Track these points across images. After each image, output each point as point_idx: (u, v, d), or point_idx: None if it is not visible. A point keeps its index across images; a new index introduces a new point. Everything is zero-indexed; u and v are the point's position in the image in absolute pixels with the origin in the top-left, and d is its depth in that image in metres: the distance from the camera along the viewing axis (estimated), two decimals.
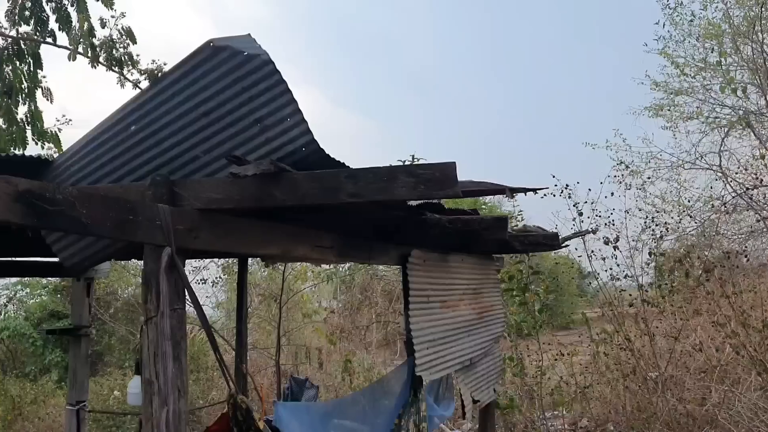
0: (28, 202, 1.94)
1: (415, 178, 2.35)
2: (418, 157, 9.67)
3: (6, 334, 15.08)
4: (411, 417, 4.12)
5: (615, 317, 7.86)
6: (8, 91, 8.19)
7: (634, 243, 9.03)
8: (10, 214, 1.90)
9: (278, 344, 8.62)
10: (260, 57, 2.69)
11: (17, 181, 1.93)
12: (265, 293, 12.46)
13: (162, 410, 2.38)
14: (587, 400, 8.44)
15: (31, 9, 7.29)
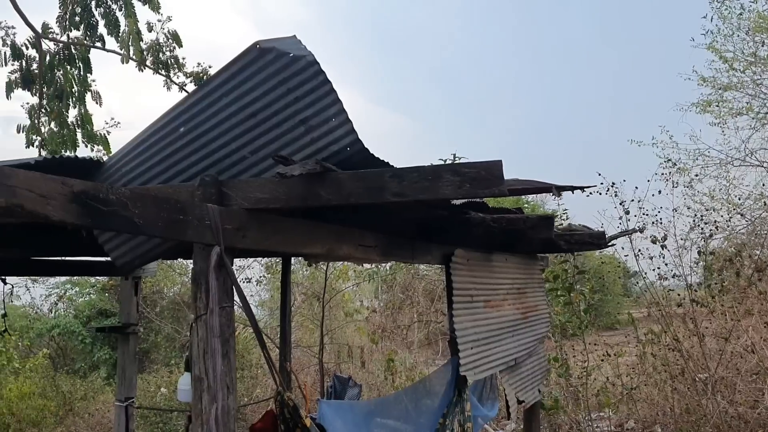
0: (83, 202, 1.99)
1: (460, 176, 2.35)
2: (459, 156, 9.62)
3: (57, 331, 15.51)
4: (456, 417, 4.12)
5: (663, 317, 7.71)
6: (59, 95, 8.43)
7: (683, 242, 8.84)
8: (66, 215, 1.95)
9: (321, 343, 8.68)
10: (305, 58, 2.71)
11: (73, 182, 1.99)
12: (308, 292, 12.55)
13: (211, 407, 2.43)
14: (634, 402, 8.30)
15: (81, 14, 7.50)
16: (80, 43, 8.19)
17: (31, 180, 1.87)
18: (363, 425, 4.19)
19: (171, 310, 15.59)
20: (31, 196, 1.86)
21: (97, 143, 9.00)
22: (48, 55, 8.26)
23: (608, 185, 8.00)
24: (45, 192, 1.89)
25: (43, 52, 8.18)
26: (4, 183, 1.79)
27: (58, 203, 1.93)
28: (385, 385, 10.07)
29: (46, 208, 1.89)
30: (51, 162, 2.87)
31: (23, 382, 10.26)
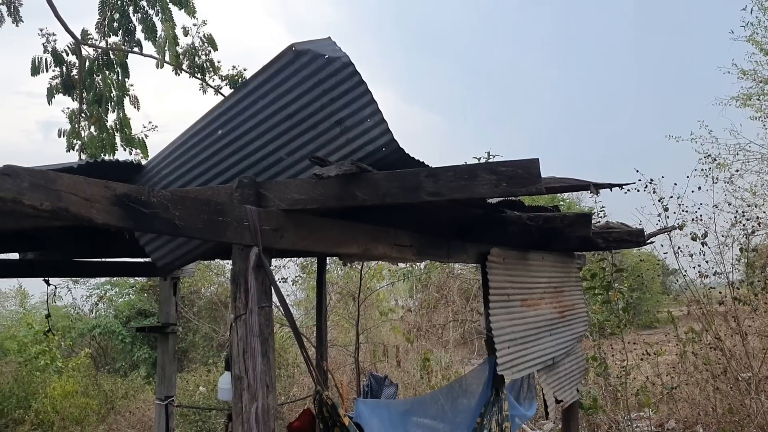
0: (125, 205, 2.03)
1: (496, 175, 2.34)
2: (493, 154, 9.57)
3: (98, 331, 15.84)
4: (493, 416, 4.10)
5: (704, 316, 7.57)
6: (99, 100, 8.60)
7: (724, 239, 8.66)
8: (109, 217, 1.99)
9: (357, 342, 8.71)
10: (340, 59, 2.73)
11: (115, 185, 2.03)
12: (343, 291, 12.61)
13: (252, 405, 2.46)
14: (674, 402, 8.17)
15: (120, 20, 7.64)
16: (118, 48, 8.35)
17: (75, 183, 1.91)
18: (399, 424, 4.20)
19: (208, 309, 15.80)
20: (76, 199, 1.90)
21: (135, 147, 9.16)
22: (87, 61, 8.43)
23: (646, 182, 7.88)
24: (89, 195, 1.94)
25: (83, 57, 8.35)
26: (49, 187, 1.84)
27: (101, 206, 1.97)
28: (421, 384, 10.07)
29: (90, 211, 1.94)
30: (93, 166, 2.93)
31: (66, 381, 10.50)
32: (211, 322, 15.34)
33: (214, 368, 11.95)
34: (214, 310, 15.68)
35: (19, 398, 9.90)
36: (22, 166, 1.82)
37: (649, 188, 7.86)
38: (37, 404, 9.72)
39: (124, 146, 9.16)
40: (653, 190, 7.87)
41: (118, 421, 10.59)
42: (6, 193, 1.73)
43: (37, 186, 1.80)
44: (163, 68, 7.76)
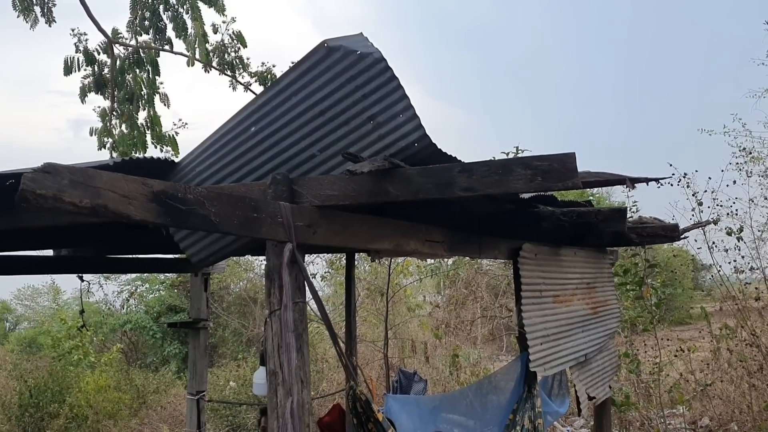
0: (162, 202, 2.05)
1: (531, 170, 2.32)
2: (522, 149, 9.49)
3: (129, 327, 16.06)
4: (526, 412, 4.07)
5: (739, 311, 7.44)
6: (130, 98, 8.69)
7: (760, 233, 8.50)
8: (146, 214, 2.01)
9: (386, 337, 8.71)
10: (372, 55, 2.73)
11: (152, 182, 2.05)
12: (371, 287, 12.62)
13: (287, 400, 2.47)
14: (708, 399, 8.05)
15: (151, 19, 7.71)
16: (149, 46, 8.44)
17: (114, 181, 1.93)
18: (429, 420, 4.19)
19: (237, 305, 15.94)
20: (114, 196, 1.92)
21: (166, 144, 9.24)
22: (118, 60, 8.53)
23: (680, 176, 7.77)
24: (127, 192, 1.96)
25: (114, 56, 8.46)
26: (89, 184, 1.86)
27: (139, 203, 1.99)
28: (450, 380, 10.05)
29: (128, 208, 1.96)
30: (128, 163, 2.96)
31: (99, 376, 10.67)
32: (240, 317, 15.46)
33: (244, 363, 12.06)
34: (244, 306, 15.81)
35: (54, 392, 10.07)
36: (62, 163, 1.85)
37: (683, 182, 7.75)
38: (71, 398, 9.88)
39: (155, 144, 9.25)
40: (687, 184, 7.76)
41: (149, 415, 10.72)
42: (46, 191, 1.75)
43: (76, 183, 1.82)
44: (193, 66, 7.82)
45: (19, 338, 21.96)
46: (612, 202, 17.67)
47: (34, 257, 5.40)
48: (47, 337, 14.75)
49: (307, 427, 2.50)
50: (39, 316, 27.23)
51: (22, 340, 20.65)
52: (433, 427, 4.13)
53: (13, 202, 2.95)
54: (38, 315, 28.00)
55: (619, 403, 6.93)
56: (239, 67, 8.49)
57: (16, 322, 29.34)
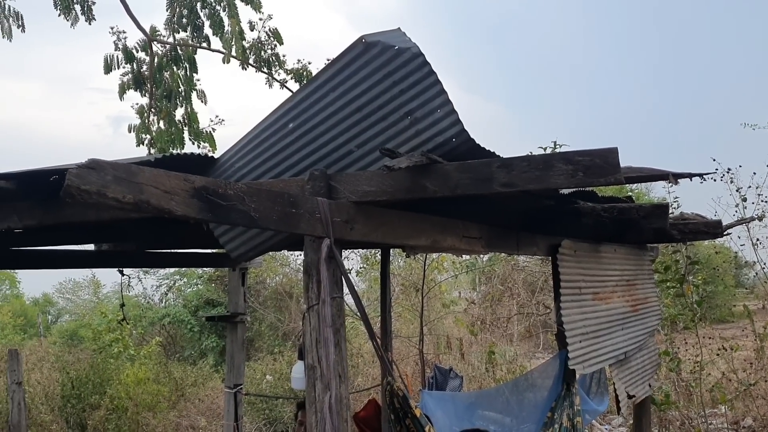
0: (203, 197, 2.07)
1: (573, 165, 2.28)
2: (560, 143, 9.35)
3: (167, 320, 16.32)
4: (564, 410, 4.03)
5: None
6: (168, 95, 8.80)
7: None
8: (188, 209, 2.03)
9: (421, 333, 8.71)
10: (410, 50, 2.71)
11: (194, 178, 2.07)
12: (405, 283, 12.62)
13: (325, 395, 2.47)
14: (752, 399, 7.86)
15: (188, 16, 7.80)
16: (186, 44, 8.54)
17: (156, 176, 1.96)
18: (465, 416, 4.18)
19: (273, 299, 16.08)
20: (157, 192, 1.94)
21: (203, 140, 9.35)
22: (156, 57, 8.65)
23: (723, 171, 7.60)
24: (169, 188, 1.98)
25: (153, 54, 8.58)
26: (132, 180, 1.88)
27: (180, 198, 2.01)
28: (486, 377, 10.00)
29: (170, 204, 1.98)
30: (169, 159, 3.00)
31: (139, 368, 10.84)
32: (276, 311, 15.60)
33: (280, 357, 12.16)
34: (280, 300, 15.95)
35: (95, 384, 10.26)
36: (105, 159, 1.87)
37: (726, 178, 7.57)
38: (111, 390, 10.06)
39: (193, 140, 9.36)
40: (731, 179, 7.59)
41: (188, 408, 10.87)
42: (91, 186, 1.78)
43: (120, 179, 1.85)
44: (229, 63, 7.89)
45: (60, 331, 22.53)
46: (651, 198, 17.38)
47: (76, 251, 5.51)
48: (88, 330, 15.06)
49: (345, 421, 2.51)
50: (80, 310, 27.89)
51: (64, 332, 21.18)
52: (469, 424, 4.12)
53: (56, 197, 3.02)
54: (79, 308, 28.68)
55: (659, 402, 6.82)
56: (275, 64, 8.54)
57: (58, 315, 30.11)
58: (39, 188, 2.99)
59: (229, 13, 7.62)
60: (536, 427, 4.13)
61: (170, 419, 10.25)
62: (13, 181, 2.97)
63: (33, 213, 3.17)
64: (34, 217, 3.19)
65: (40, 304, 29.59)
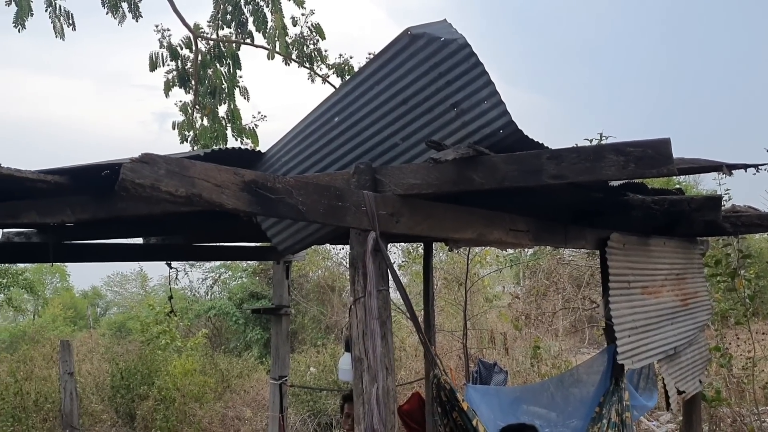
0: (253, 191, 2.09)
1: (624, 156, 2.24)
2: (605, 135, 9.20)
3: (213, 312, 16.59)
4: (613, 406, 3.97)
5: None
6: (212, 92, 8.91)
7: None
8: (238, 203, 2.06)
9: (465, 328, 8.67)
10: (457, 41, 2.69)
11: (243, 172, 2.09)
12: (448, 277, 12.58)
13: (372, 387, 2.48)
14: None
15: (232, 12, 7.88)
16: (229, 40, 8.63)
17: (207, 171, 1.98)
18: (509, 411, 4.15)
19: (316, 293, 16.20)
20: (208, 185, 1.97)
21: (246, 137, 9.45)
22: (200, 54, 8.76)
23: None
24: (220, 182, 2.01)
25: (197, 51, 8.69)
26: (184, 174, 1.91)
27: (231, 192, 2.04)
28: (531, 372, 9.91)
29: (221, 197, 2.01)
30: (218, 153, 3.03)
31: (186, 360, 11.04)
32: (318, 304, 15.72)
33: (324, 350, 12.25)
34: (322, 294, 16.06)
35: (143, 375, 10.49)
36: (159, 154, 1.90)
37: None
38: (159, 381, 10.27)
39: (236, 136, 9.46)
40: None
41: (233, 399, 11.04)
42: (145, 180, 1.81)
43: (172, 173, 1.88)
44: (273, 59, 7.95)
45: (109, 323, 23.08)
46: (699, 190, 16.97)
47: (126, 245, 5.63)
48: (136, 322, 15.39)
49: (392, 413, 2.51)
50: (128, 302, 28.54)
51: (112, 324, 21.70)
52: (514, 419, 4.09)
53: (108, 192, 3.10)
54: (127, 301, 29.35)
55: (709, 399, 6.66)
56: (317, 59, 8.58)
57: (107, 308, 30.84)
58: (91, 183, 3.06)
59: (273, 8, 7.68)
60: (583, 422, 4.08)
61: (216, 410, 10.42)
62: (66, 177, 3.05)
63: (86, 207, 3.25)
64: (86, 211, 3.27)
65: (89, 297, 30.34)
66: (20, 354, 12.51)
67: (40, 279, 25.55)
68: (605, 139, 8.84)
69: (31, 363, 11.50)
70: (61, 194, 3.25)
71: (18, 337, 17.64)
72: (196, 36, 8.44)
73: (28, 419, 8.98)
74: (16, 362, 11.32)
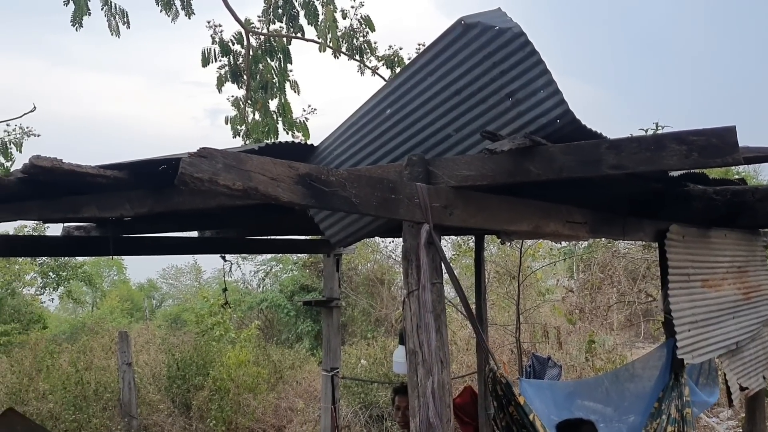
0: (307, 184, 2.10)
1: (687, 145, 2.17)
2: (662, 125, 8.95)
3: (265, 304, 16.83)
4: (672, 401, 3.88)
5: None
6: (264, 86, 8.99)
7: None
8: (293, 195, 2.07)
9: (518, 321, 8.58)
10: (511, 30, 2.64)
11: (298, 165, 2.10)
12: (500, 270, 12.46)
13: (427, 380, 2.47)
14: None
15: (283, 6, 7.92)
16: (279, 34, 8.69)
17: (263, 164, 2.00)
18: (564, 406, 4.09)
19: (365, 285, 16.27)
20: (264, 179, 1.99)
21: (297, 130, 9.50)
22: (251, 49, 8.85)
23: None
24: (275, 175, 2.02)
25: (249, 46, 8.78)
26: (240, 168, 1.93)
27: (286, 185, 2.05)
28: (585, 366, 9.76)
29: (277, 190, 2.02)
30: (272, 147, 3.07)
31: (239, 351, 11.22)
32: (368, 297, 15.78)
33: (374, 342, 12.30)
34: (371, 287, 16.12)
35: (198, 366, 10.69)
36: (216, 148, 1.93)
37: None
38: (214, 372, 10.45)
39: (287, 130, 9.52)
40: None
41: (286, 390, 11.17)
42: (203, 174, 1.83)
43: (230, 167, 1.90)
44: (324, 52, 7.97)
45: (164, 315, 23.68)
46: (760, 180, 16.40)
47: (182, 238, 5.74)
48: (191, 314, 15.73)
49: (447, 407, 2.49)
50: (182, 294, 29.22)
51: (168, 316, 22.25)
52: (568, 414, 4.03)
53: (165, 186, 3.15)
54: (181, 293, 30.06)
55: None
56: (367, 52, 8.56)
57: (162, 300, 31.67)
58: (149, 178, 3.12)
59: (324, 1, 7.70)
60: (641, 418, 4.00)
61: (270, 401, 10.57)
62: (125, 171, 3.11)
63: (144, 202, 3.32)
64: (144, 206, 3.34)
65: (145, 289, 31.20)
66: (80, 345, 12.89)
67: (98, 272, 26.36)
68: (661, 128, 8.60)
69: (91, 353, 11.84)
70: (120, 189, 3.32)
71: (78, 329, 18.22)
72: (248, 31, 8.51)
73: (89, 408, 9.25)
74: (76, 353, 11.66)
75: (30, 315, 16.30)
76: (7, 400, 9.12)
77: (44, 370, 10.35)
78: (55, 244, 5.47)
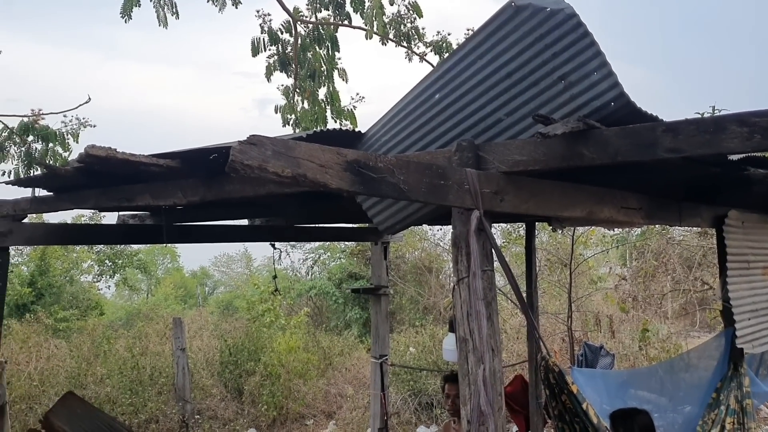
0: (355, 170, 2.08)
1: (749, 127, 2.08)
2: (718, 108, 8.64)
3: (314, 292, 17.00)
4: (731, 392, 3.77)
5: None
6: (312, 75, 9.02)
7: None
8: (341, 182, 2.06)
9: (570, 310, 8.45)
10: (564, 11, 2.58)
11: (346, 152, 2.09)
12: (551, 258, 12.28)
13: (478, 368, 2.44)
14: None
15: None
16: (327, 22, 8.69)
17: (311, 151, 2.00)
18: (617, 395, 4.03)
19: (413, 273, 16.26)
20: (312, 166, 1.99)
21: (345, 118, 9.52)
22: (300, 38, 8.88)
23: None
24: (323, 162, 2.01)
25: (297, 34, 8.81)
26: (289, 155, 1.93)
27: (334, 172, 2.04)
28: (638, 356, 9.56)
29: (325, 177, 2.01)
30: (320, 135, 3.07)
31: (290, 338, 11.36)
32: (416, 285, 15.77)
33: (422, 330, 12.30)
34: (419, 275, 16.10)
35: (250, 352, 10.88)
36: (265, 135, 1.93)
37: None
38: (265, 358, 10.62)
39: (335, 118, 9.55)
40: None
41: (335, 376, 11.29)
42: (253, 161, 1.84)
43: (279, 154, 1.90)
44: (371, 39, 7.95)
45: (217, 301, 24.15)
46: None
47: (233, 226, 5.83)
48: (242, 301, 15.98)
49: (499, 395, 2.47)
50: (234, 282, 29.77)
51: (220, 303, 22.69)
52: (621, 403, 3.96)
53: (216, 175, 3.18)
54: (233, 280, 30.62)
55: None
56: (414, 38, 8.51)
57: (214, 287, 32.32)
58: (201, 167, 3.16)
59: None
60: (698, 409, 3.90)
61: (319, 386, 10.69)
62: (178, 160, 3.16)
63: (196, 190, 3.37)
64: (196, 194, 3.38)
65: (198, 277, 31.87)
66: (136, 331, 13.24)
67: (152, 260, 27.05)
68: (718, 111, 8.30)
69: (146, 339, 12.15)
70: (172, 178, 3.37)
71: (133, 315, 18.73)
72: (296, 20, 8.54)
73: (144, 392, 9.51)
74: (132, 338, 11.98)
75: (87, 302, 16.82)
76: (66, 383, 9.44)
77: (101, 355, 10.67)
78: (111, 232, 5.63)
